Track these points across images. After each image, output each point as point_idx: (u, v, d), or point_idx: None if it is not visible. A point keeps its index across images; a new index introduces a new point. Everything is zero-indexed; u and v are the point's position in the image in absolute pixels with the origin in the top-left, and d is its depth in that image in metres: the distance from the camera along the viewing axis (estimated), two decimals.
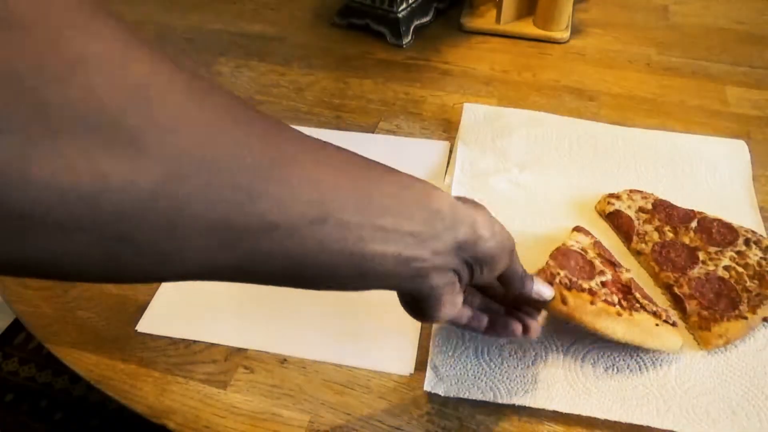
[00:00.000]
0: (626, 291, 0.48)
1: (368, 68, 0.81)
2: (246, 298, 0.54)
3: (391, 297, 0.53)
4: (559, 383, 0.46)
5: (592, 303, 0.45)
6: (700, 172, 0.64)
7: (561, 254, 0.50)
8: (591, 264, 0.50)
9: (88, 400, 1.16)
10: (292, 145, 0.26)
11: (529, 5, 0.85)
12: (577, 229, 0.55)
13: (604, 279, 0.49)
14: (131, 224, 0.21)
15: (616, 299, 0.47)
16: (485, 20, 0.87)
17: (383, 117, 0.73)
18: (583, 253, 0.51)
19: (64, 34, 0.19)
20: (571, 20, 0.87)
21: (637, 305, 0.47)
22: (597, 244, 0.54)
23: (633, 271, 0.54)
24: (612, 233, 0.58)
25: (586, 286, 0.47)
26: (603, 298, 0.46)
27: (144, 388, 0.48)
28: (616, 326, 0.45)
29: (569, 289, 0.46)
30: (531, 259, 0.55)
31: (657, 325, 0.46)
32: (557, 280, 0.46)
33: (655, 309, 0.47)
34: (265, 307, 0.53)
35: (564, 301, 0.45)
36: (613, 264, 0.51)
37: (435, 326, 0.51)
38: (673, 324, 0.47)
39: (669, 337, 0.46)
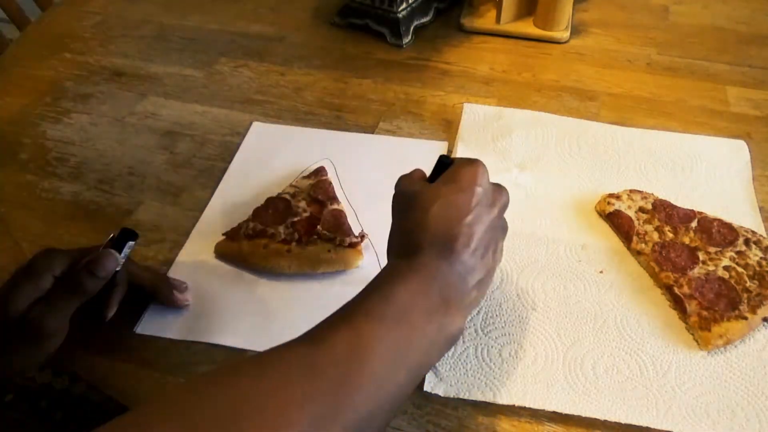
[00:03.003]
0: (313, 226, 0.56)
1: (368, 68, 0.81)
2: (246, 299, 0.54)
3: None
4: (559, 383, 0.46)
5: (264, 247, 0.55)
6: (700, 172, 0.64)
7: (265, 206, 0.59)
8: (290, 207, 0.58)
9: (88, 400, 1.16)
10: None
11: (529, 5, 0.85)
12: (312, 172, 0.63)
13: (296, 219, 0.57)
14: None
15: (296, 236, 0.56)
16: (485, 20, 0.87)
17: (383, 117, 0.73)
18: (290, 198, 0.59)
19: None
20: (571, 20, 0.86)
21: (315, 237, 0.55)
22: (318, 183, 0.60)
23: (632, 277, 0.54)
24: (612, 233, 0.58)
25: (270, 231, 0.56)
26: (281, 238, 0.55)
27: (144, 388, 0.48)
28: (282, 261, 0.54)
29: (251, 239, 0.55)
30: (530, 258, 0.55)
31: (329, 251, 0.54)
32: (242, 232, 0.56)
33: (334, 236, 0.55)
34: (265, 308, 0.53)
35: (240, 251, 0.55)
36: (321, 202, 0.59)
37: None
38: (351, 245, 0.54)
39: (341, 259, 0.54)
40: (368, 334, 0.33)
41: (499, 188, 0.43)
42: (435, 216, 0.39)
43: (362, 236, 0.56)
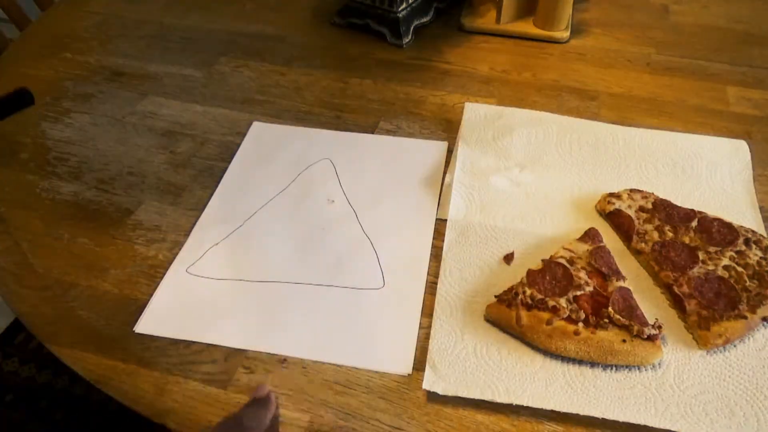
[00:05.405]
0: (601, 305, 0.49)
1: (368, 68, 0.81)
2: (246, 299, 0.54)
3: (389, 298, 0.54)
4: (557, 382, 0.46)
5: (547, 323, 0.48)
6: (700, 172, 0.64)
7: (541, 268, 0.52)
8: (570, 277, 0.51)
9: (88, 400, 1.16)
10: None
11: (529, 5, 0.85)
12: (586, 233, 0.56)
13: (579, 293, 0.50)
14: None
15: (583, 315, 0.48)
16: (485, 20, 0.87)
17: (383, 117, 0.73)
18: (568, 265, 0.52)
19: None
20: (571, 20, 0.86)
21: (606, 321, 0.48)
22: (596, 251, 0.53)
23: (631, 277, 0.54)
24: (612, 233, 0.58)
25: (551, 303, 0.49)
26: (565, 315, 0.48)
27: (144, 388, 0.48)
28: (569, 344, 0.47)
29: (529, 309, 0.49)
30: (530, 259, 0.55)
31: (624, 341, 0.47)
32: (519, 300, 0.49)
33: (628, 323, 0.47)
34: (265, 308, 0.53)
35: (519, 322, 0.48)
36: (604, 275, 0.51)
37: (434, 326, 0.51)
38: (650, 338, 0.47)
39: (638, 353, 0.47)
40: None
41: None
42: None
43: (659, 326, 0.48)
